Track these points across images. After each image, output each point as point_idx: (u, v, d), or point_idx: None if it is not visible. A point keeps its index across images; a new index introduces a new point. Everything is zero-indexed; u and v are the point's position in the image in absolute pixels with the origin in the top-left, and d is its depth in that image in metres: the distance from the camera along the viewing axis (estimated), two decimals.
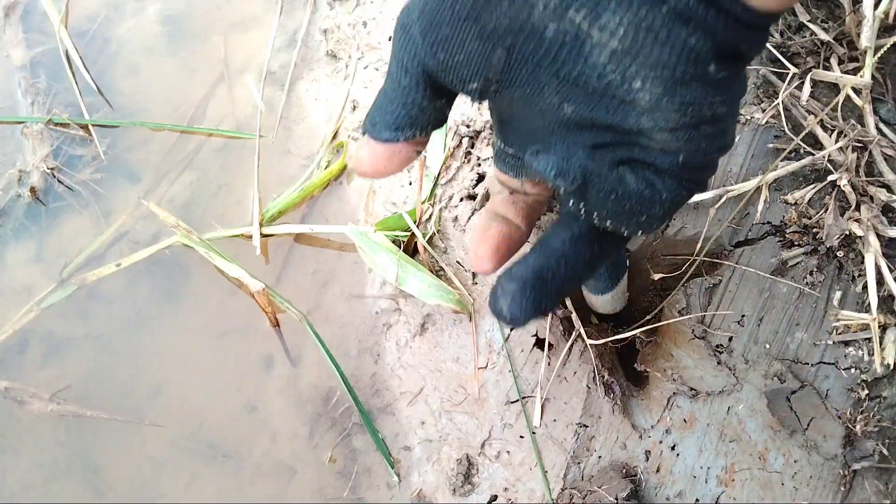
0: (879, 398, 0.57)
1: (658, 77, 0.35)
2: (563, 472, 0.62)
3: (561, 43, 0.36)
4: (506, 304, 0.41)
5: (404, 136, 0.43)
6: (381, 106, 0.43)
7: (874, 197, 0.60)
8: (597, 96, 0.37)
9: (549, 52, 0.37)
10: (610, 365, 0.66)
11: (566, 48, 0.36)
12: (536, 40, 0.37)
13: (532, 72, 0.39)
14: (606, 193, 0.39)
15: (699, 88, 0.35)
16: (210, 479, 0.71)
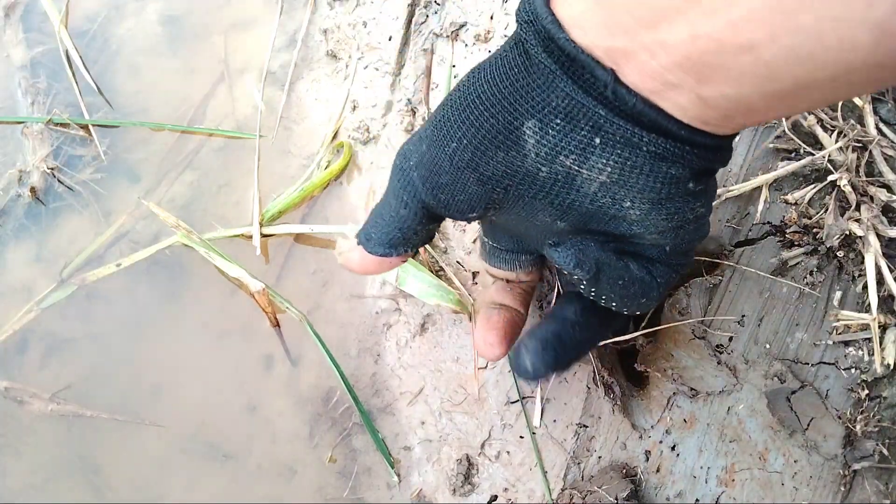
0: (879, 398, 0.57)
1: (645, 198, 0.39)
2: (563, 472, 0.62)
3: (553, 181, 0.40)
4: (528, 358, 0.46)
5: (396, 252, 0.47)
6: (377, 225, 0.47)
7: (874, 197, 0.60)
8: (589, 214, 0.42)
9: (542, 188, 0.41)
10: (610, 365, 0.66)
11: (559, 184, 0.40)
12: (531, 181, 0.41)
13: (528, 202, 0.42)
14: (615, 280, 0.43)
15: (681, 201, 0.40)
16: (210, 479, 0.71)
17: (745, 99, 0.35)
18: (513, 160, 0.40)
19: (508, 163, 0.40)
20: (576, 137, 0.38)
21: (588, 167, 0.39)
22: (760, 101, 0.35)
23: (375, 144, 0.80)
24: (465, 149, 0.41)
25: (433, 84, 0.79)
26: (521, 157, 0.40)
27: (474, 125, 0.40)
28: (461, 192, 0.42)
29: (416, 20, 0.82)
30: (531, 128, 0.38)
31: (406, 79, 0.80)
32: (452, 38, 0.79)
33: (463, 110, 0.41)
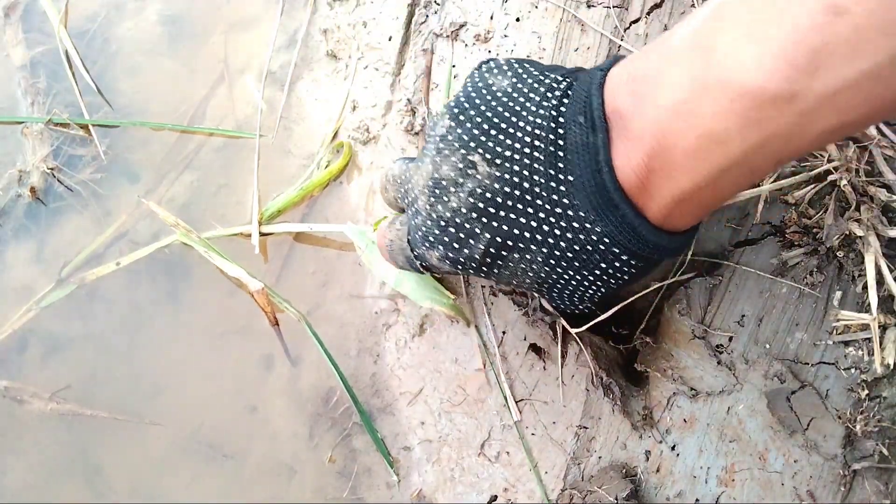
0: (879, 398, 0.57)
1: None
2: (563, 472, 0.62)
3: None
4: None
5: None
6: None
7: (874, 197, 0.60)
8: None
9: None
10: (608, 366, 0.66)
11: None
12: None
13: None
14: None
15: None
16: (210, 479, 0.71)
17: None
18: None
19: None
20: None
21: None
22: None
23: (375, 144, 0.80)
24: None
25: (433, 84, 0.79)
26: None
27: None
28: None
29: (416, 20, 0.82)
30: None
31: (406, 79, 0.80)
32: (452, 38, 0.79)
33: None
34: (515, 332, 0.67)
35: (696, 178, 0.39)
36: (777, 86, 0.33)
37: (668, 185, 0.40)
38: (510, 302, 0.67)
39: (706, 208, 0.43)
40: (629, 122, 0.41)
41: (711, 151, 0.37)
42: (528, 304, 0.66)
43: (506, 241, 0.46)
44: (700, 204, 0.42)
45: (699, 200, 0.41)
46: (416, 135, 0.78)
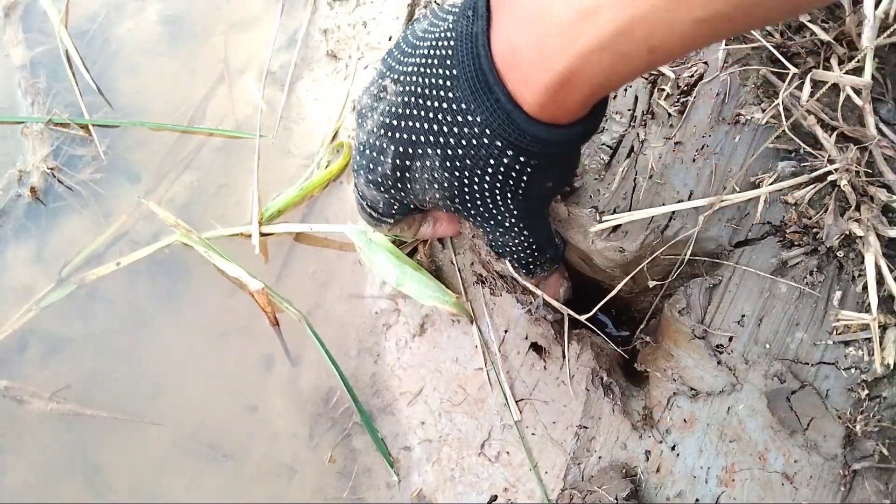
0: (879, 398, 0.57)
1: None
2: (564, 472, 0.62)
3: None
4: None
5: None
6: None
7: (874, 197, 0.60)
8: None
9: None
10: (608, 366, 0.66)
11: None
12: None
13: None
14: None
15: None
16: (210, 479, 0.71)
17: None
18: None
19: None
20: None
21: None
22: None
23: None
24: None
25: None
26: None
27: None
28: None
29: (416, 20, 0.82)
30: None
31: None
32: None
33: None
34: (517, 330, 0.67)
35: (568, 59, 0.39)
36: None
37: (541, 69, 0.40)
38: (514, 300, 0.67)
39: (584, 98, 0.42)
40: (511, 4, 0.41)
41: (582, 29, 0.37)
42: (531, 302, 0.66)
43: (407, 149, 0.48)
44: (577, 92, 0.41)
45: (575, 87, 0.40)
46: None
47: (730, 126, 0.66)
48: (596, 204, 0.67)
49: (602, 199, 0.67)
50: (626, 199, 0.66)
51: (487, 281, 0.69)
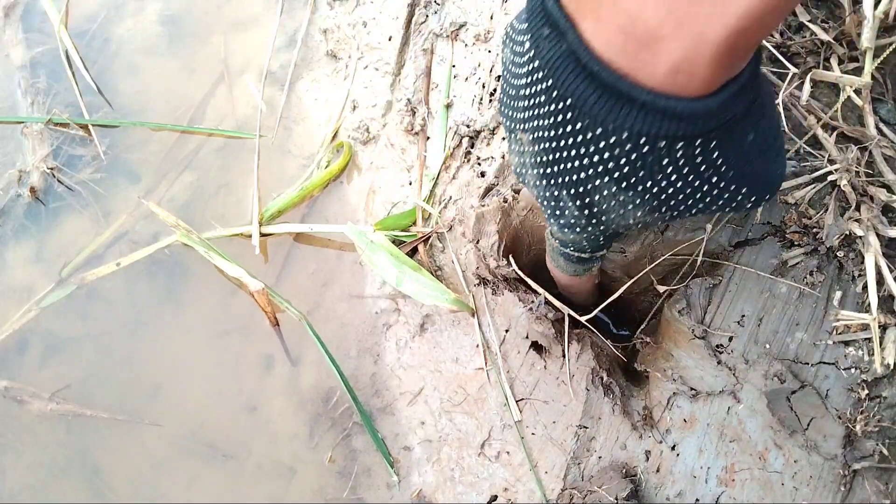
0: (879, 398, 0.57)
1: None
2: (564, 472, 0.62)
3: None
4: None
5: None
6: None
7: (874, 197, 0.60)
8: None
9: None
10: (608, 365, 0.66)
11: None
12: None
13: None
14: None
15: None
16: (210, 479, 0.71)
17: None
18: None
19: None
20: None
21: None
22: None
23: (375, 144, 0.80)
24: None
25: (433, 84, 0.79)
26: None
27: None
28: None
29: (416, 20, 0.82)
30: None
31: (406, 79, 0.80)
32: (452, 38, 0.79)
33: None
34: (518, 329, 0.67)
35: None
36: None
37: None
38: (515, 299, 0.67)
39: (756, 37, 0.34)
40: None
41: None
42: (532, 301, 0.66)
43: (578, 188, 0.43)
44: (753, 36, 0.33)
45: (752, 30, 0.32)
46: (415, 135, 0.78)
47: None
48: None
49: None
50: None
51: (489, 282, 0.69)
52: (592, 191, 0.42)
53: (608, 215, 0.44)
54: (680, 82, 0.34)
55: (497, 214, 0.69)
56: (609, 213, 0.44)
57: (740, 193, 0.43)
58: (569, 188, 0.43)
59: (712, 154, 0.39)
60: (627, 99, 0.35)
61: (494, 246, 0.69)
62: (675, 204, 0.42)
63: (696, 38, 0.32)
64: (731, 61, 0.34)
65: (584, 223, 0.46)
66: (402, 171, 0.77)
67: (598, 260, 0.56)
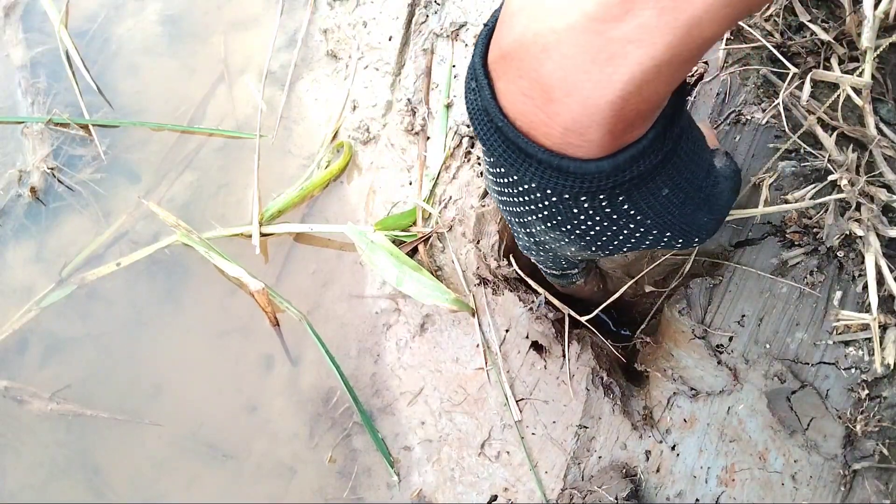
0: (879, 398, 0.57)
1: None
2: (564, 472, 0.62)
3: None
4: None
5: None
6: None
7: (874, 197, 0.60)
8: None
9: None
10: (608, 365, 0.66)
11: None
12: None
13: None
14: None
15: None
16: (210, 479, 0.71)
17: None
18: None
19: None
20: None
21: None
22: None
23: (375, 144, 0.80)
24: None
25: (433, 84, 0.79)
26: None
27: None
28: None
29: (417, 20, 0.82)
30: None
31: (406, 79, 0.80)
32: (453, 38, 0.79)
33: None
34: (518, 329, 0.67)
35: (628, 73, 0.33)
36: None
37: (589, 103, 0.34)
38: (516, 298, 0.67)
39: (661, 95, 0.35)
40: (508, 57, 0.36)
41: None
42: (532, 301, 0.66)
43: (519, 219, 0.46)
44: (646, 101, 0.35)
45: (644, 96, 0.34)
46: (416, 135, 0.78)
47: (730, 126, 0.66)
48: None
49: None
50: None
51: (490, 282, 0.69)
52: (530, 224, 0.46)
53: (550, 245, 0.48)
54: (573, 142, 0.36)
55: (497, 214, 0.69)
56: (549, 244, 0.48)
57: (664, 237, 0.46)
58: (514, 217, 0.47)
59: (622, 206, 0.41)
60: (527, 155, 0.38)
61: (495, 246, 0.69)
62: (603, 244, 0.45)
63: (584, 102, 0.34)
64: (621, 126, 0.35)
65: (534, 249, 0.51)
66: (403, 171, 0.77)
67: (575, 276, 0.60)
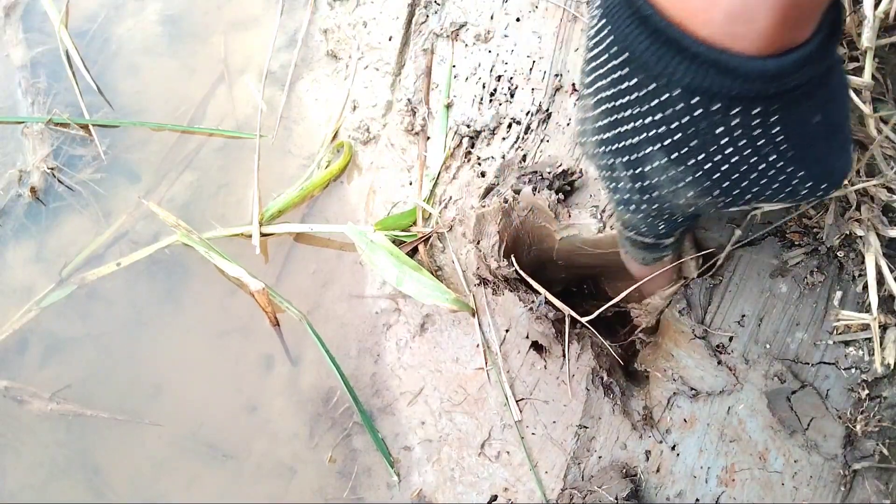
0: (880, 398, 0.57)
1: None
2: (564, 472, 0.62)
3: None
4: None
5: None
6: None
7: (874, 197, 0.60)
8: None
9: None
10: (608, 365, 0.66)
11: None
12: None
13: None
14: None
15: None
16: (210, 479, 0.71)
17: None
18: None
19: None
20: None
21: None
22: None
23: (376, 144, 0.80)
24: None
25: (433, 84, 0.79)
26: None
27: None
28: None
29: (417, 20, 0.82)
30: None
31: (406, 79, 0.80)
32: (453, 38, 0.79)
33: None
34: (518, 329, 0.67)
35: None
36: None
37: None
38: (516, 298, 0.67)
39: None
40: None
41: None
42: (533, 301, 0.66)
43: (630, 156, 0.41)
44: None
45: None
46: (416, 135, 0.78)
47: None
48: (597, 203, 0.67)
49: (603, 198, 0.67)
50: None
51: (490, 282, 0.69)
52: (644, 160, 0.40)
53: (660, 191, 0.42)
54: (737, 33, 0.32)
55: (498, 215, 0.69)
56: (661, 189, 0.42)
57: (796, 178, 0.40)
58: (622, 155, 0.41)
59: (772, 128, 0.36)
60: (679, 48, 0.33)
61: (495, 246, 0.69)
62: (729, 186, 0.40)
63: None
64: (793, 14, 0.31)
65: (637, 199, 0.45)
66: (403, 171, 0.77)
67: (665, 249, 0.53)
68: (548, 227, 0.68)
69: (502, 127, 0.74)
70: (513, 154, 0.72)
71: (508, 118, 0.74)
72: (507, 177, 0.72)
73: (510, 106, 0.74)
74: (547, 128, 0.72)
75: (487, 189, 0.72)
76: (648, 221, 0.48)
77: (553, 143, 0.71)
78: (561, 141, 0.71)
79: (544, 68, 0.74)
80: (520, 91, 0.74)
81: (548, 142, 0.71)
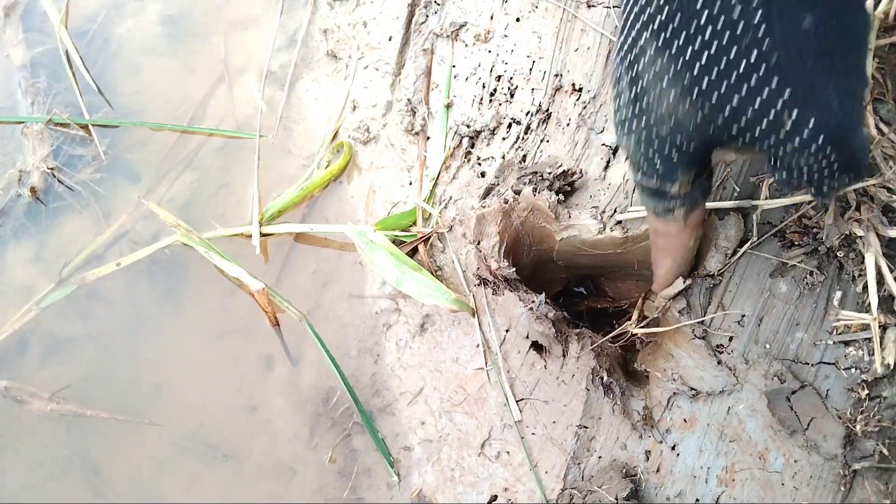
0: (879, 398, 0.57)
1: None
2: (564, 472, 0.62)
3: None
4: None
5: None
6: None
7: (874, 197, 0.60)
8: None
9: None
10: (608, 365, 0.66)
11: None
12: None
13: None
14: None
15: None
16: (210, 479, 0.71)
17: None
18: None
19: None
20: None
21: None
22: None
23: (375, 144, 0.80)
24: None
25: (433, 84, 0.79)
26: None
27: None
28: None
29: (416, 20, 0.82)
30: None
31: (406, 79, 0.80)
32: (452, 38, 0.79)
33: None
34: (518, 329, 0.67)
35: None
36: None
37: None
38: (516, 298, 0.67)
39: None
40: None
41: None
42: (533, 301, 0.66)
43: (629, 53, 0.45)
44: None
45: None
46: (416, 135, 0.78)
47: None
48: (597, 204, 0.67)
49: (603, 199, 0.67)
50: (627, 198, 0.66)
51: (490, 282, 0.69)
52: (639, 56, 0.43)
53: (648, 97, 0.44)
54: None
55: (498, 216, 0.69)
56: (649, 94, 0.43)
57: (791, 115, 0.37)
58: (625, 57, 0.45)
59: (754, 13, 0.35)
60: None
61: (495, 247, 0.69)
62: (708, 88, 0.39)
63: None
64: None
65: (630, 115, 0.46)
66: (403, 171, 0.77)
67: (672, 200, 0.52)
68: (548, 228, 0.68)
69: (502, 127, 0.74)
70: (513, 154, 0.72)
71: (508, 118, 0.74)
72: (507, 177, 0.72)
73: (510, 106, 0.74)
74: (547, 128, 0.72)
75: (487, 189, 0.72)
76: (645, 152, 0.48)
77: (553, 143, 0.71)
78: (561, 141, 0.71)
79: (544, 68, 0.74)
80: (520, 91, 0.74)
81: (548, 142, 0.71)
